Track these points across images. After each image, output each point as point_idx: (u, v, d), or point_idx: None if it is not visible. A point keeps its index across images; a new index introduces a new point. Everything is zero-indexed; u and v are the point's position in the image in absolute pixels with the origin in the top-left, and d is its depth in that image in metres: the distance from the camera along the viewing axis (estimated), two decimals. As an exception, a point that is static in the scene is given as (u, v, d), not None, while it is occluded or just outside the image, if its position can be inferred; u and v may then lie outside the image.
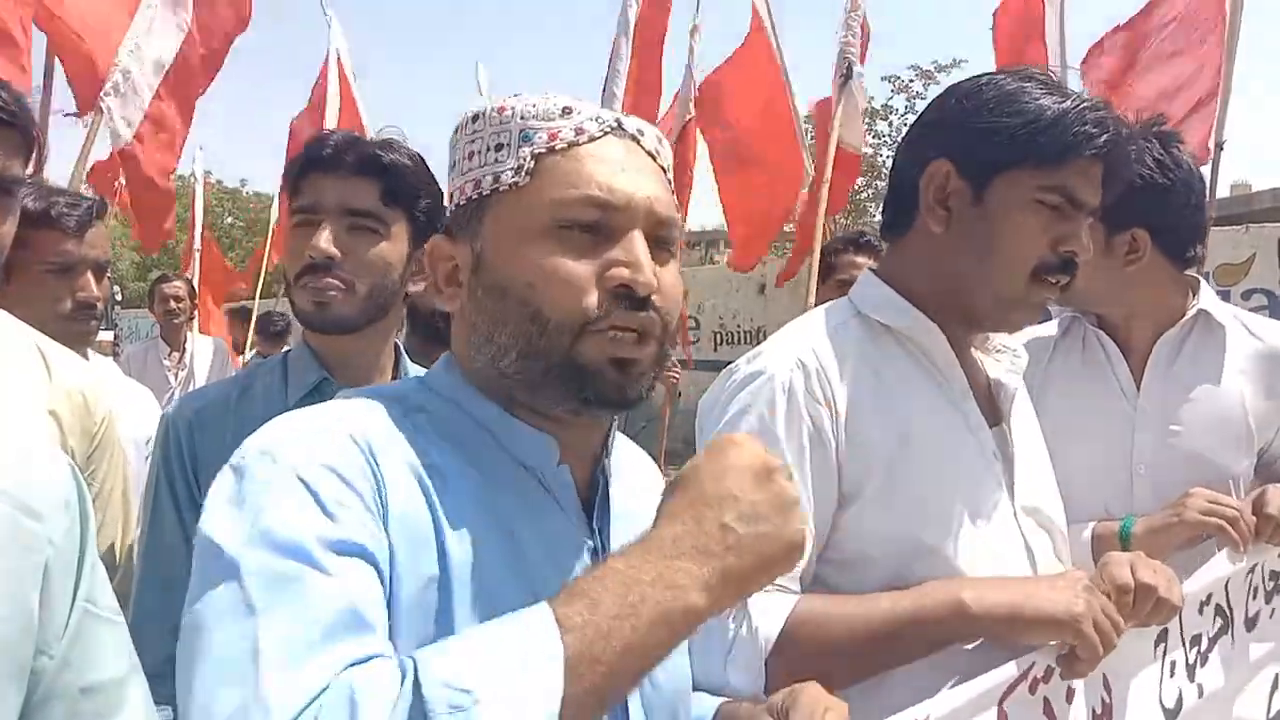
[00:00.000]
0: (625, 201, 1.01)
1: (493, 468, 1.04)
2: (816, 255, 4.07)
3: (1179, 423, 2.07)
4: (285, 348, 3.82)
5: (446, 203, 1.43)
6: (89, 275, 2.29)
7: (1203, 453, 2.05)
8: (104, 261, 2.36)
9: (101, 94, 4.83)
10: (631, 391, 1.01)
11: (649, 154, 1.07)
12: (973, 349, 1.65)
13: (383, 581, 0.89)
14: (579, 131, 1.03)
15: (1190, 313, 2.11)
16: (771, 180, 6.50)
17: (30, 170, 1.41)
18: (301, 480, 0.90)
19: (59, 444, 1.67)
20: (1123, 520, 1.91)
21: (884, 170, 23.91)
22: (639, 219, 1.02)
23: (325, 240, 1.72)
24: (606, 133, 1.05)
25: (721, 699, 1.28)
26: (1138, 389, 2.09)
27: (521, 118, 1.04)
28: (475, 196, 1.06)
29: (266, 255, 11.28)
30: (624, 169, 1.03)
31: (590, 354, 0.99)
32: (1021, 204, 1.48)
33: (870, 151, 23.63)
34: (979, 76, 1.57)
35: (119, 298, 20.20)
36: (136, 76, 5.00)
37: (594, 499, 1.10)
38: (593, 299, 0.99)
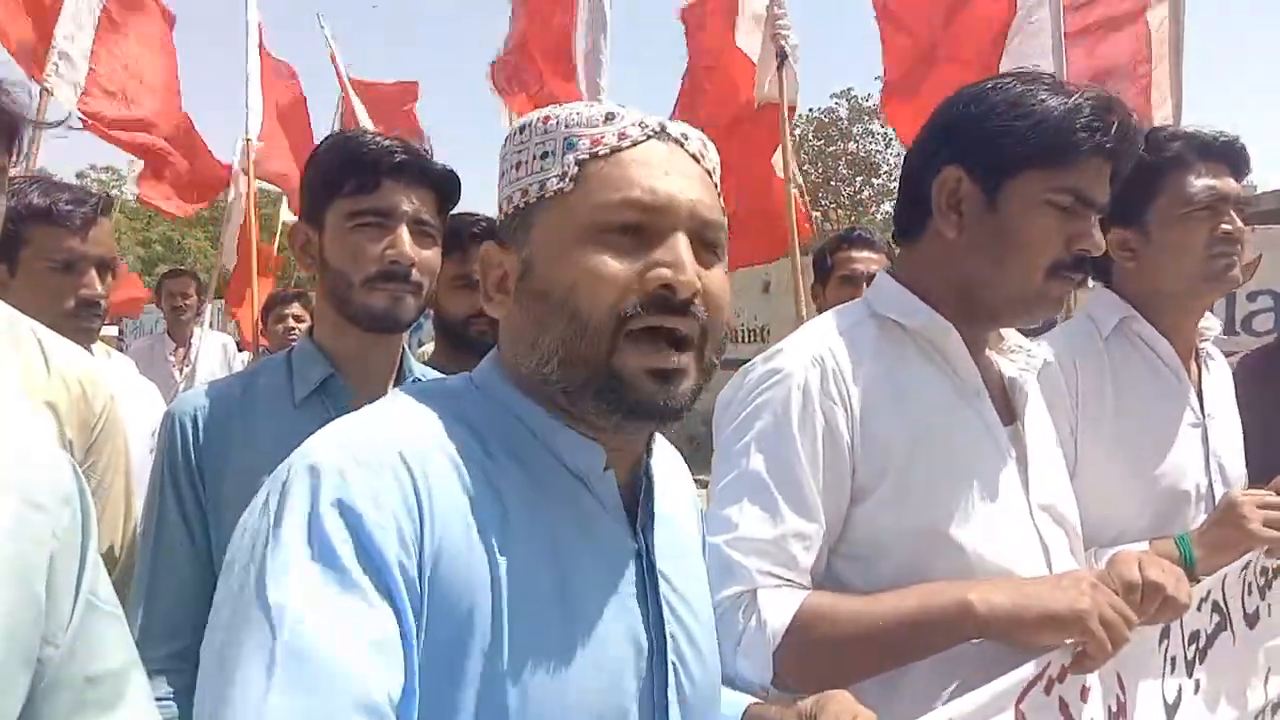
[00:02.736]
0: (667, 203, 1.01)
1: (542, 474, 1.04)
2: (797, 253, 3.99)
3: (1224, 429, 2.11)
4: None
5: (497, 212, 1.45)
6: (93, 272, 2.27)
7: (1239, 455, 2.12)
8: (109, 258, 2.34)
9: (44, 76, 5.34)
10: (674, 403, 1.00)
11: (693, 157, 1.07)
12: (987, 349, 1.67)
13: (405, 633, 0.88)
14: (622, 136, 1.04)
15: (1217, 329, 2.16)
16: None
17: (14, 159, 1.40)
18: (333, 525, 0.89)
19: (56, 436, 1.66)
20: (1176, 539, 1.88)
21: (881, 169, 23.97)
22: (681, 220, 1.02)
23: (410, 246, 1.76)
24: (649, 136, 1.05)
25: (750, 699, 1.30)
26: (1199, 397, 2.10)
27: (566, 126, 1.05)
28: (523, 205, 1.06)
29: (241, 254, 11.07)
30: (667, 172, 1.03)
31: (629, 364, 0.99)
32: (1033, 206, 1.50)
33: (863, 152, 23.71)
34: (985, 81, 1.59)
35: (124, 293, 20.15)
36: (75, 56, 5.58)
37: (636, 502, 1.10)
38: (631, 298, 0.99)
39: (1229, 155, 2.04)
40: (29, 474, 1.07)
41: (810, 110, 29.71)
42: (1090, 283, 2.23)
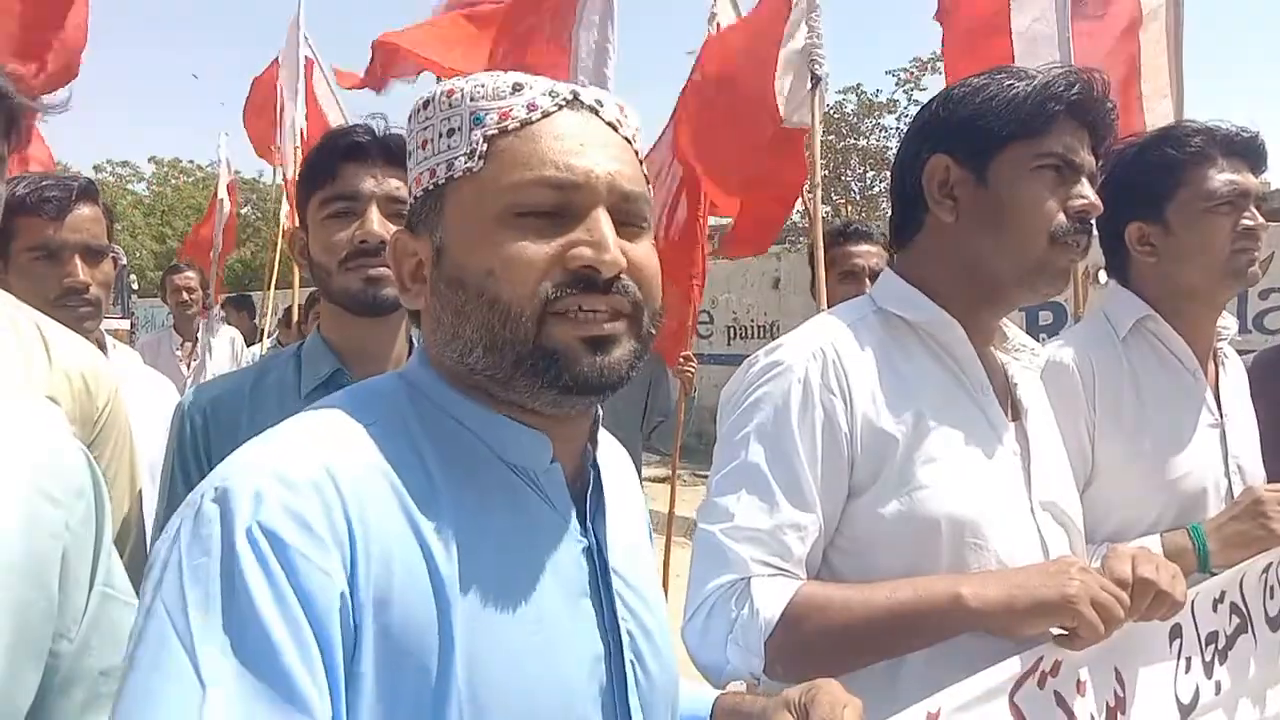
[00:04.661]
0: (584, 179, 0.96)
1: (481, 473, 0.99)
2: (820, 248, 3.97)
3: (1241, 430, 2.10)
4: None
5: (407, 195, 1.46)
6: (76, 260, 2.25)
7: (1257, 455, 2.11)
8: (95, 245, 2.29)
9: None
10: (611, 372, 0.95)
11: (609, 125, 1.01)
12: (991, 346, 1.67)
13: (328, 664, 0.82)
14: (531, 108, 0.98)
15: (1233, 328, 2.16)
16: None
17: (12, 148, 1.38)
18: (246, 552, 0.82)
19: None
20: (1190, 531, 1.88)
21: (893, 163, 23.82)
22: (601, 196, 0.96)
23: (378, 224, 1.75)
24: (561, 107, 0.99)
25: (719, 692, 1.29)
26: (1216, 397, 2.09)
27: (471, 99, 0.99)
28: (431, 187, 1.00)
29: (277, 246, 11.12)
30: (583, 144, 0.97)
31: (559, 336, 0.94)
32: (1023, 175, 1.53)
33: (878, 145, 23.64)
34: (950, 85, 1.64)
35: (135, 286, 20.26)
36: None
37: (584, 494, 1.06)
38: (552, 281, 0.94)
39: (1249, 151, 2.04)
40: (41, 467, 1.06)
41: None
42: (1104, 279, 2.22)
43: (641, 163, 1.05)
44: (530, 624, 0.94)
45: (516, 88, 0.99)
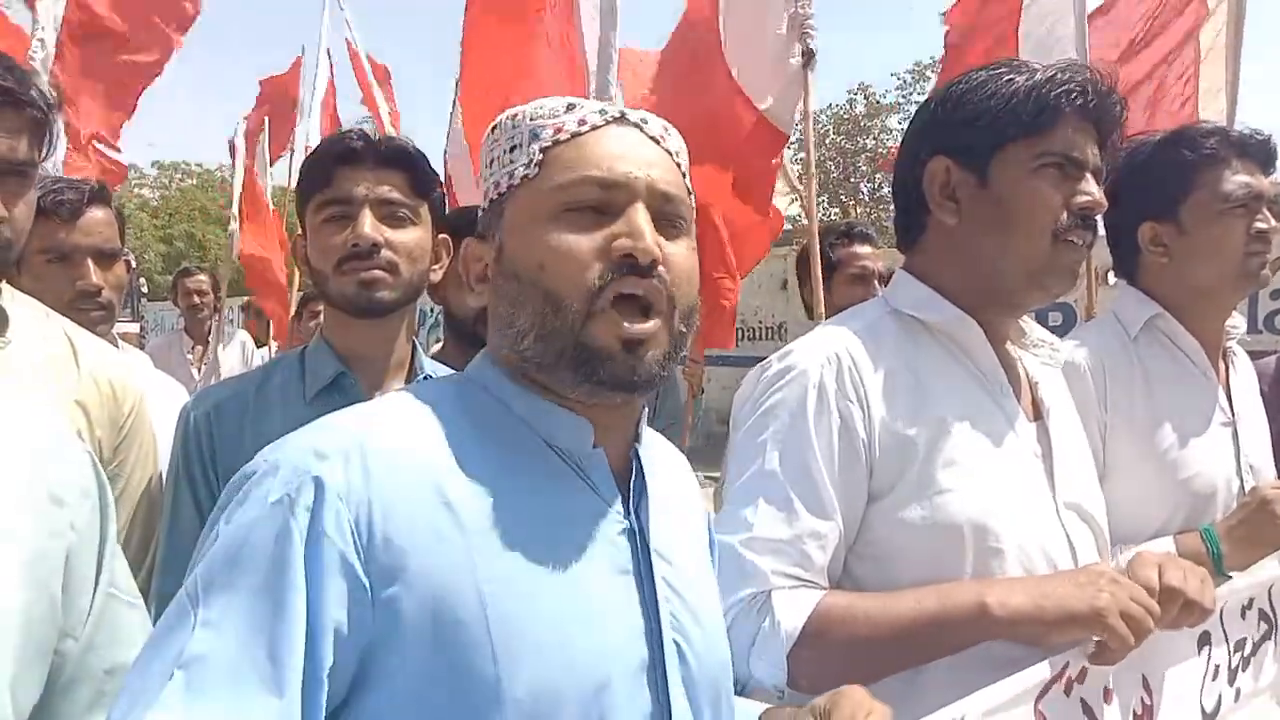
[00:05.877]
0: (624, 178, 1.06)
1: (528, 456, 1.07)
2: (816, 241, 3.85)
3: (1252, 429, 2.09)
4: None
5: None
6: (89, 263, 2.25)
7: (1268, 454, 2.10)
8: (107, 248, 2.30)
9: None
10: (642, 372, 1.04)
11: (652, 139, 1.12)
12: (1009, 344, 1.64)
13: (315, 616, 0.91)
14: (581, 122, 1.09)
15: (1242, 328, 2.14)
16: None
17: (43, 154, 1.39)
18: (286, 530, 0.92)
19: (86, 435, 1.66)
20: (1202, 533, 1.87)
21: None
22: (639, 194, 1.06)
23: (371, 226, 1.76)
24: (609, 122, 1.10)
25: (762, 707, 1.29)
26: (1228, 395, 2.07)
27: (531, 119, 1.11)
28: (495, 197, 1.12)
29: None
30: (625, 151, 1.08)
31: (599, 336, 1.03)
32: (1025, 175, 1.50)
33: (886, 151, 23.73)
34: (950, 82, 1.61)
35: (145, 290, 20.36)
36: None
37: (629, 481, 1.12)
38: (595, 270, 1.03)
39: (1261, 153, 2.04)
40: (49, 469, 1.09)
41: (830, 106, 29.73)
42: (1112, 279, 2.21)
43: (685, 175, 1.14)
44: (566, 588, 1.00)
45: (570, 107, 1.11)
